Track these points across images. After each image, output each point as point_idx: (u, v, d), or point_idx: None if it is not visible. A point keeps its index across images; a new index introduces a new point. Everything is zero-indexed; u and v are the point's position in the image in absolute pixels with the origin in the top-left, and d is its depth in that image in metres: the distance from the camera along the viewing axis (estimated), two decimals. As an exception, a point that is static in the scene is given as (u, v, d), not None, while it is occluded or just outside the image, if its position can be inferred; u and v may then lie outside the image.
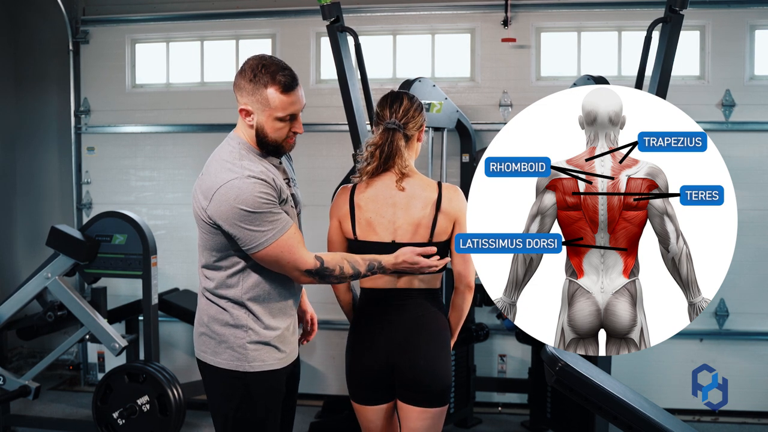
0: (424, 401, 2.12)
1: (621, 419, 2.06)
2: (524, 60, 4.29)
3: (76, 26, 4.70)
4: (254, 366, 1.97)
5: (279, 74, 1.90)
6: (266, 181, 1.89)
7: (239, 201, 1.84)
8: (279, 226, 1.89)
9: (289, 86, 1.91)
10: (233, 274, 1.97)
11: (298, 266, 1.92)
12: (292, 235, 1.91)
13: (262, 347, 1.98)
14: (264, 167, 1.94)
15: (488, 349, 4.32)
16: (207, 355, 2.02)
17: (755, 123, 4.14)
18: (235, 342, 1.97)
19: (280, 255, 1.90)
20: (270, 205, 1.88)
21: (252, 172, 1.88)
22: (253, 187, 1.86)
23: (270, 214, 1.87)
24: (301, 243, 1.93)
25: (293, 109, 1.94)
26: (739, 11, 4.13)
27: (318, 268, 1.94)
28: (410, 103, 2.15)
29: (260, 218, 1.86)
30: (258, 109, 1.93)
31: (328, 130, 4.37)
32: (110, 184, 4.73)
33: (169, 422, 3.39)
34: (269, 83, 1.90)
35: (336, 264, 1.97)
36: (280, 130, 1.95)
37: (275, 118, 1.93)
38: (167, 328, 4.51)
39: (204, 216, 1.91)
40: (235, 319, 1.97)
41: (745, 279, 4.07)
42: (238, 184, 1.85)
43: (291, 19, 4.48)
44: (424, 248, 2.03)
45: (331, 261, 1.96)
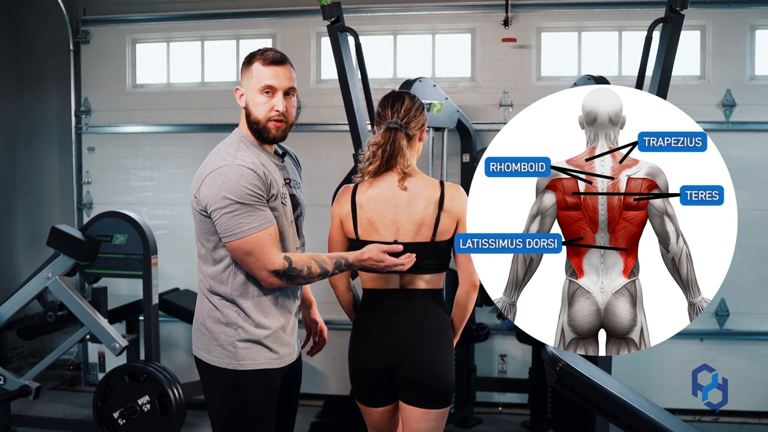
0: (427, 402, 2.11)
1: (621, 419, 2.06)
2: (524, 60, 4.29)
3: (77, 26, 4.70)
4: (243, 365, 1.96)
5: (268, 51, 1.99)
6: (255, 172, 1.89)
7: (224, 187, 1.86)
8: (258, 221, 1.89)
9: (272, 59, 1.96)
10: (225, 269, 1.97)
11: (266, 265, 1.91)
12: (267, 235, 1.90)
13: (252, 345, 1.97)
14: (258, 160, 1.95)
15: (488, 349, 4.32)
16: (201, 352, 2.03)
17: (755, 123, 4.14)
18: (225, 340, 1.97)
19: (251, 250, 1.89)
20: (254, 199, 1.88)
21: (244, 162, 1.89)
22: (241, 176, 1.87)
23: (252, 207, 1.88)
24: (274, 244, 1.92)
25: (273, 81, 1.96)
26: (739, 11, 4.13)
27: (286, 269, 1.92)
28: (412, 102, 2.15)
29: (241, 209, 1.87)
30: (246, 86, 1.99)
31: (328, 130, 4.36)
32: (111, 184, 4.73)
33: (169, 422, 3.39)
34: (256, 58, 1.98)
35: (303, 264, 1.95)
36: (262, 105, 1.96)
37: (256, 90, 1.96)
38: (168, 328, 4.51)
39: (194, 201, 1.94)
40: (225, 316, 1.98)
41: (745, 279, 4.07)
42: (226, 171, 1.88)
43: (291, 19, 4.48)
44: (391, 246, 2.02)
45: (299, 261, 1.95)
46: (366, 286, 2.18)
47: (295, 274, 1.94)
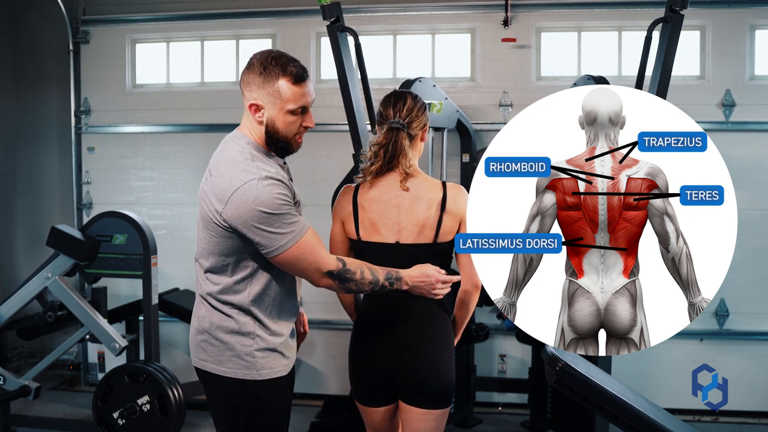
0: (427, 402, 2.11)
1: (621, 419, 2.06)
2: (524, 60, 4.29)
3: (77, 26, 4.70)
4: (263, 374, 1.91)
5: (290, 65, 1.86)
6: (282, 182, 1.84)
7: (258, 203, 1.77)
8: (299, 227, 1.83)
9: (301, 77, 1.86)
10: (242, 279, 1.90)
11: (320, 267, 1.86)
12: (312, 237, 1.86)
13: (269, 354, 1.92)
14: (275, 168, 1.89)
15: (488, 349, 4.32)
16: (209, 364, 1.94)
17: (755, 123, 4.14)
18: (242, 350, 1.90)
19: (301, 256, 1.84)
20: (288, 206, 1.82)
21: (268, 173, 1.81)
22: (272, 188, 1.79)
23: (289, 215, 1.82)
24: (321, 244, 1.88)
25: (304, 100, 1.88)
26: (739, 11, 4.13)
27: (340, 270, 1.88)
28: (414, 102, 2.15)
29: (280, 220, 1.80)
30: (269, 102, 1.87)
31: (328, 130, 4.36)
32: (110, 184, 4.73)
33: (169, 422, 3.39)
34: (280, 74, 1.85)
35: (357, 267, 1.91)
36: (292, 124, 1.89)
37: (287, 110, 1.87)
38: (167, 328, 4.51)
39: (218, 219, 1.83)
40: (241, 325, 1.90)
41: (745, 279, 4.07)
42: (256, 185, 1.78)
43: (291, 19, 4.48)
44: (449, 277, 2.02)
45: (353, 264, 1.92)
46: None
47: (348, 276, 1.90)
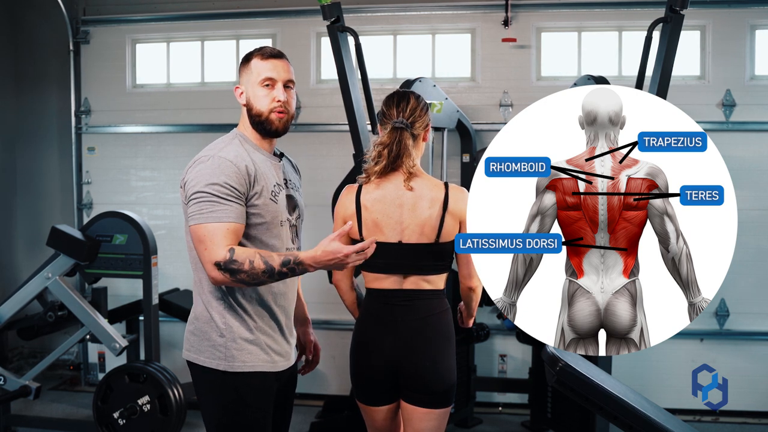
0: (429, 402, 2.12)
1: (621, 419, 2.06)
2: (524, 60, 4.29)
3: (77, 26, 4.70)
4: (234, 366, 1.94)
5: (265, 47, 2.02)
6: (236, 165, 1.89)
7: (200, 174, 1.89)
8: (220, 213, 1.86)
9: (270, 53, 2.00)
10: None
11: (211, 257, 1.83)
12: (225, 228, 1.85)
13: (245, 346, 1.94)
14: (249, 155, 1.94)
15: (489, 349, 4.32)
16: (191, 353, 2.01)
17: (755, 123, 4.14)
18: (217, 340, 1.95)
19: (202, 238, 1.86)
20: (226, 191, 1.86)
21: (225, 155, 1.91)
22: (219, 166, 1.88)
23: (220, 198, 1.86)
24: (227, 238, 1.85)
25: (272, 73, 1.97)
26: (739, 11, 4.13)
27: (226, 261, 1.80)
28: (417, 102, 2.16)
29: (209, 198, 1.86)
30: (246, 82, 2.00)
31: (328, 130, 4.36)
32: (111, 184, 4.73)
33: (169, 422, 3.39)
34: (254, 55, 2.01)
35: (246, 258, 1.81)
36: (264, 97, 1.97)
37: (257, 83, 1.97)
38: (167, 328, 4.51)
39: (181, 193, 1.97)
40: (218, 317, 1.95)
41: (745, 279, 4.07)
42: (206, 161, 1.90)
43: (291, 19, 4.48)
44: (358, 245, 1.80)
45: (242, 254, 1.82)
46: (369, 285, 2.18)
47: (236, 267, 1.81)
